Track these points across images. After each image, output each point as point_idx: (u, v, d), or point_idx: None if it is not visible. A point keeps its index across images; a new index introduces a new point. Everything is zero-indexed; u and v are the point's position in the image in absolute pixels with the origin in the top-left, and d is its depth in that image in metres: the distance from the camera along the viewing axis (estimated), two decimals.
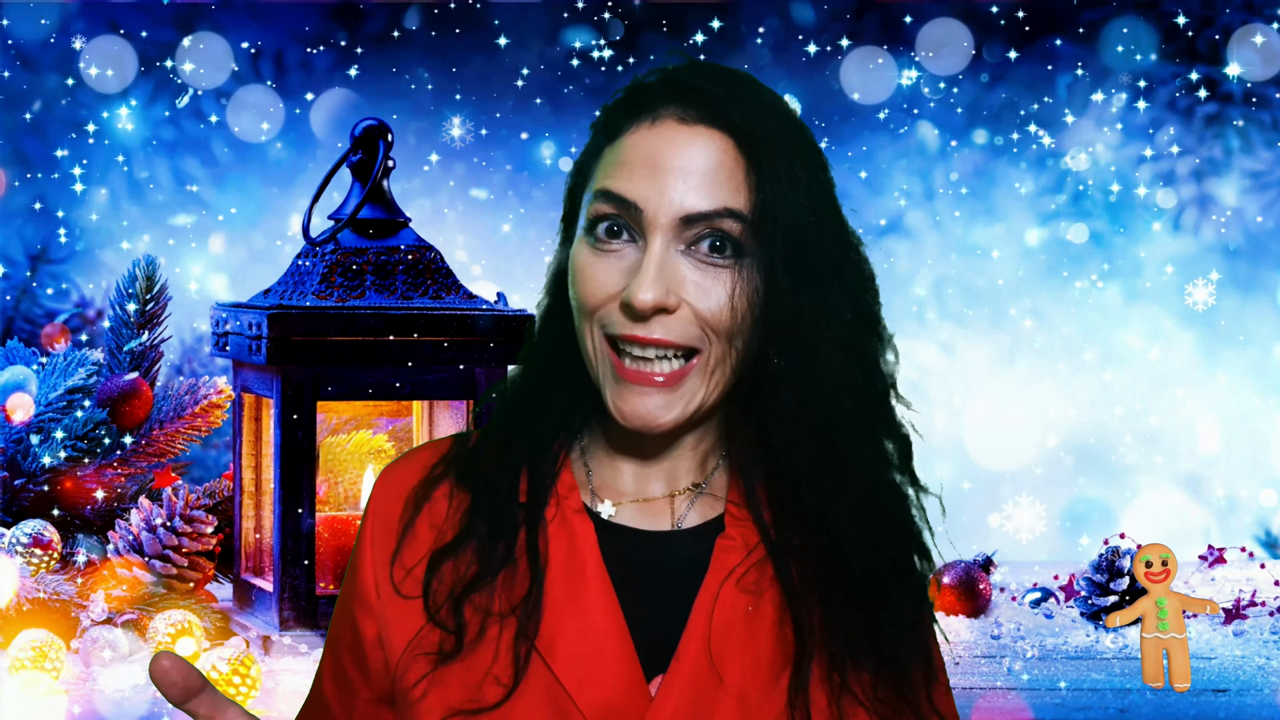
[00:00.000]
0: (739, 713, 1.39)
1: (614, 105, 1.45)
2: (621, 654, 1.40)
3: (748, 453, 1.47)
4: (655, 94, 1.42)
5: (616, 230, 1.41)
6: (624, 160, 1.40)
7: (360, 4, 4.39)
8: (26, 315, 4.35)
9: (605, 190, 1.40)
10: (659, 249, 1.38)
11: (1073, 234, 4.43)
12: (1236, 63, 4.30)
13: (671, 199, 1.38)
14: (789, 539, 1.43)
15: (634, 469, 1.48)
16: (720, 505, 1.47)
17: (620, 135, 1.42)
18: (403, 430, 2.65)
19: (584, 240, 1.42)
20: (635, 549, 1.45)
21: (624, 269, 1.40)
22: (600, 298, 1.40)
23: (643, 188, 1.39)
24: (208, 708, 1.28)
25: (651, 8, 4.36)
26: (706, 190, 1.38)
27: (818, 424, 1.41)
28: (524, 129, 4.42)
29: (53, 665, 2.26)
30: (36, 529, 2.47)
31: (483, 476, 1.46)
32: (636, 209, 1.39)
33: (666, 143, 1.39)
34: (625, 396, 1.40)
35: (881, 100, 4.37)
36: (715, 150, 1.39)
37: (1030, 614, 2.69)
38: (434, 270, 2.49)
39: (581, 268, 1.42)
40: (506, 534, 1.44)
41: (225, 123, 4.37)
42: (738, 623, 1.41)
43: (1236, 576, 2.87)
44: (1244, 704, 2.27)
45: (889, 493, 1.45)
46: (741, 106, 1.39)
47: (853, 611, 1.41)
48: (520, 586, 1.42)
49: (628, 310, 1.38)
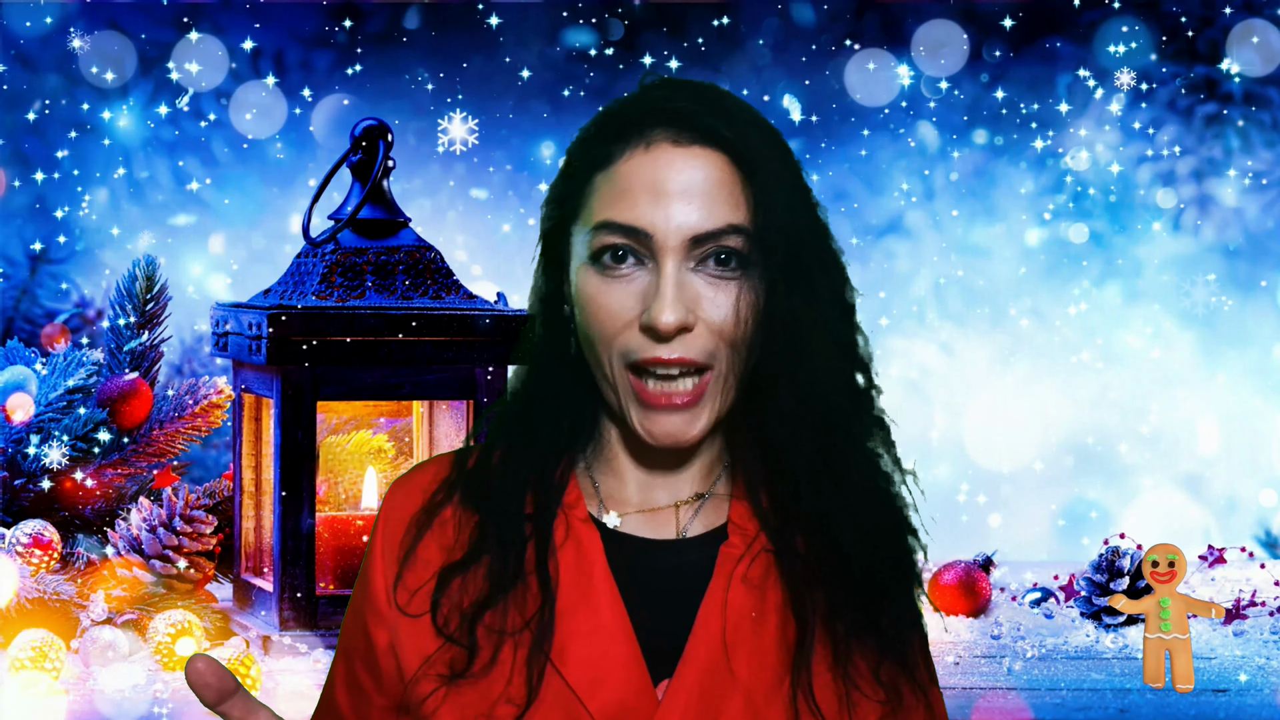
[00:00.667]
0: (746, 712, 1.41)
1: (594, 136, 1.45)
2: (629, 658, 1.42)
3: (750, 456, 1.48)
4: (642, 119, 1.43)
5: (622, 255, 1.42)
6: (624, 189, 1.41)
7: (360, 4, 4.39)
8: (26, 315, 4.35)
9: (609, 222, 1.41)
10: (672, 270, 1.40)
11: (1073, 234, 4.43)
12: (1235, 59, 4.30)
13: (679, 222, 1.40)
14: (791, 539, 1.45)
15: (639, 479, 1.50)
16: (724, 513, 1.49)
17: (611, 164, 1.43)
18: (403, 430, 2.65)
19: (590, 270, 1.43)
20: (641, 557, 1.47)
21: (636, 293, 1.41)
22: (618, 325, 1.42)
23: (649, 214, 1.40)
24: (240, 710, 1.29)
25: (651, 8, 4.36)
26: (710, 209, 1.40)
27: (816, 423, 1.44)
28: (524, 129, 4.42)
29: (53, 665, 2.26)
30: (36, 529, 2.47)
31: (488, 495, 1.48)
32: (646, 235, 1.40)
33: (664, 166, 1.41)
34: (652, 419, 1.43)
35: (885, 102, 4.38)
36: (712, 168, 1.41)
37: (1030, 614, 2.69)
38: (434, 270, 2.49)
39: (593, 297, 1.43)
40: (516, 550, 1.45)
41: (226, 121, 4.37)
42: (743, 624, 1.44)
43: (1236, 576, 2.87)
44: (1244, 704, 2.27)
45: (886, 490, 1.47)
46: (728, 122, 1.42)
47: (854, 606, 1.43)
48: (532, 602, 1.43)
49: (649, 333, 1.40)
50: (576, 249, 1.45)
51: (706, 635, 1.43)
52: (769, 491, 1.47)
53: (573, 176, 1.46)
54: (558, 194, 1.48)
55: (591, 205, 1.43)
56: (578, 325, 1.46)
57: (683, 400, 1.42)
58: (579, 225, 1.45)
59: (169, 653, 2.34)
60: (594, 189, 1.44)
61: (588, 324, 1.44)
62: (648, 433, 1.43)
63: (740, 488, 1.49)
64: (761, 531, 1.46)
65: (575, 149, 1.47)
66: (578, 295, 1.44)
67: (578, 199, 1.45)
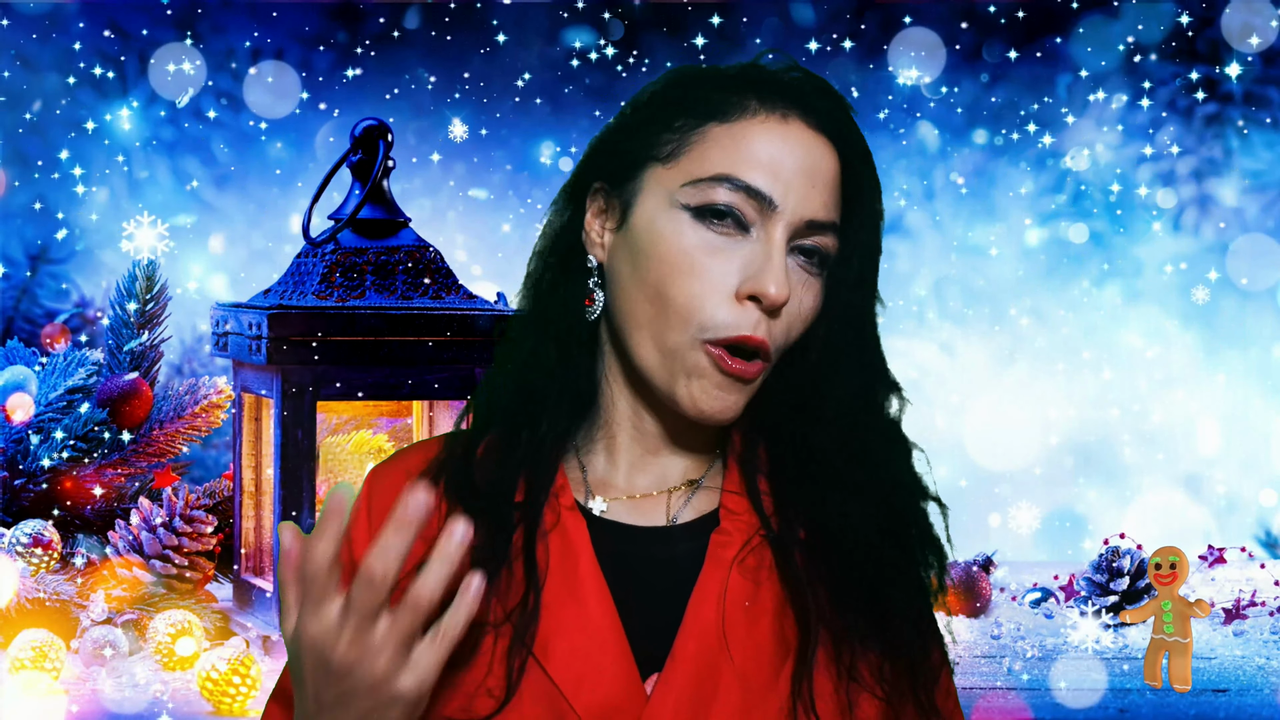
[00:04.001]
0: (740, 706, 1.37)
1: (718, 85, 1.40)
2: (616, 653, 1.37)
3: (751, 445, 1.46)
4: (784, 90, 1.39)
5: (723, 215, 1.37)
6: (754, 150, 1.37)
7: (360, 4, 4.39)
8: (26, 315, 4.35)
9: (732, 177, 1.36)
10: (784, 245, 1.37)
11: (1073, 234, 4.43)
12: (1230, 34, 4.29)
13: (804, 201, 1.37)
14: (792, 530, 1.42)
15: (629, 466, 1.46)
16: (715, 501, 1.45)
17: (736, 119, 1.38)
18: (403, 430, 2.65)
19: (688, 220, 1.37)
20: (629, 545, 1.43)
21: (738, 262, 1.36)
22: (714, 290, 1.36)
23: (778, 184, 1.36)
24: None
25: (651, 8, 4.37)
26: (826, 201, 1.38)
27: (838, 418, 1.41)
28: (524, 129, 4.42)
29: (53, 665, 2.26)
30: (36, 529, 2.47)
31: (477, 482, 1.43)
32: (770, 204, 1.36)
33: (803, 144, 1.38)
34: (710, 392, 1.38)
35: (933, 77, 4.37)
36: (834, 163, 1.39)
37: (1030, 614, 2.69)
38: (434, 270, 2.49)
39: (690, 252, 1.36)
40: (501, 539, 1.40)
41: (227, 121, 4.37)
42: (737, 615, 1.39)
43: (1236, 576, 2.88)
44: (1244, 704, 2.27)
45: (900, 484, 1.44)
46: (850, 127, 1.40)
47: (859, 598, 1.39)
48: (516, 592, 1.39)
49: (750, 303, 1.36)
50: (663, 194, 1.39)
51: (698, 627, 1.38)
52: (770, 482, 1.43)
53: (675, 115, 1.40)
54: (643, 128, 1.41)
55: (705, 154, 1.38)
56: (637, 278, 1.39)
57: (754, 373, 1.38)
58: (675, 169, 1.39)
59: (169, 653, 2.34)
60: (709, 138, 1.38)
61: (672, 277, 1.36)
62: (697, 405, 1.38)
63: (734, 476, 1.45)
64: (759, 521, 1.42)
65: (686, 89, 1.41)
66: (658, 244, 1.37)
67: (679, 141, 1.39)
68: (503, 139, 4.42)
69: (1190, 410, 4.47)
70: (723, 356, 1.36)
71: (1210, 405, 4.47)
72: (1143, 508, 4.43)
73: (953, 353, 4.50)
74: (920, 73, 4.31)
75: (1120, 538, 2.68)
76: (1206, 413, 4.47)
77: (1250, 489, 4.43)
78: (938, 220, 4.46)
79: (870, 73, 4.38)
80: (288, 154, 4.40)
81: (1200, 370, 4.48)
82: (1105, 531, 3.40)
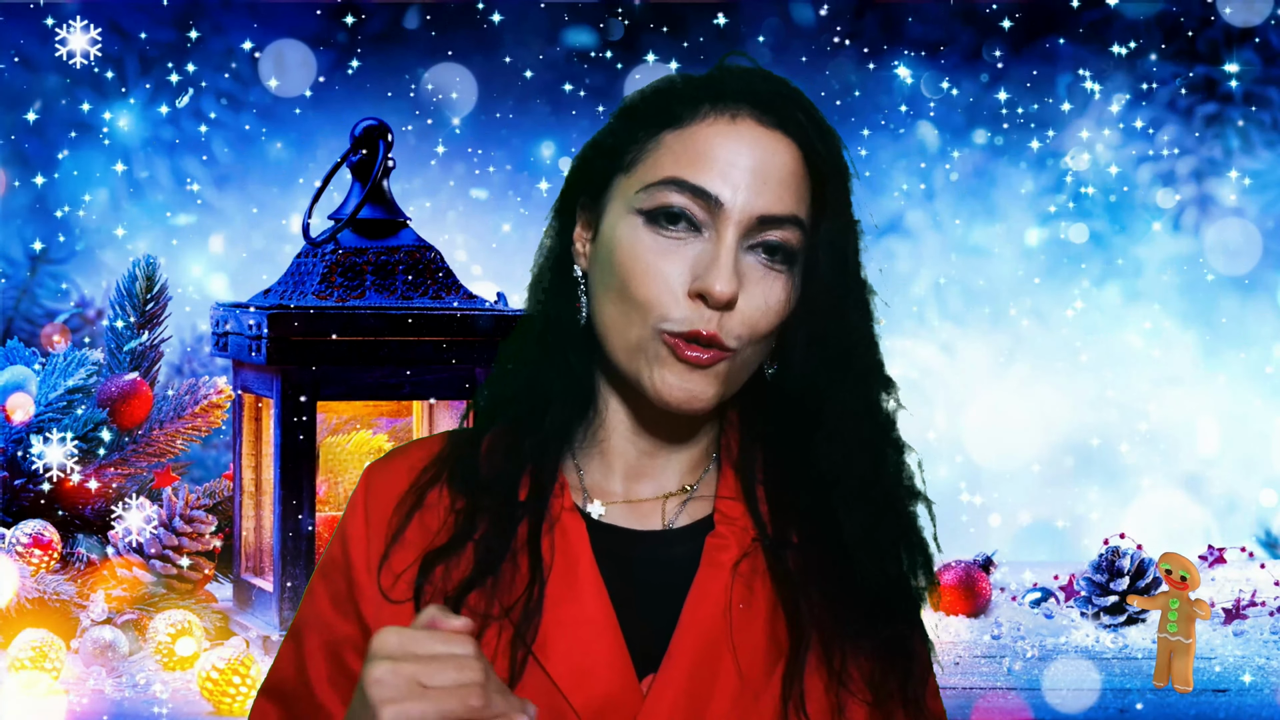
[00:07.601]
0: (734, 707, 1.39)
1: (672, 94, 1.43)
2: (613, 652, 1.40)
3: (748, 451, 1.48)
4: (731, 90, 1.41)
5: (677, 218, 1.39)
6: (701, 152, 1.39)
7: (360, 4, 4.39)
8: (26, 315, 4.35)
9: (680, 180, 1.39)
10: (733, 243, 1.38)
11: (1073, 234, 4.43)
12: (1229, 6, 4.29)
13: (751, 198, 1.38)
14: (786, 535, 1.44)
15: (626, 470, 1.48)
16: (710, 506, 1.48)
17: (688, 124, 1.41)
18: (403, 430, 2.65)
19: (642, 225, 1.40)
20: (626, 548, 1.45)
21: (688, 260, 1.39)
22: (665, 289, 1.38)
23: (724, 182, 1.38)
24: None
25: (651, 8, 4.37)
26: (781, 195, 1.39)
27: (832, 420, 1.43)
28: (524, 129, 4.42)
29: (53, 665, 2.26)
30: (36, 529, 2.47)
31: (483, 477, 1.45)
32: (716, 203, 1.38)
33: (749, 143, 1.39)
34: (670, 381, 1.40)
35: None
36: (790, 158, 1.40)
37: (1030, 614, 2.69)
38: (434, 270, 2.49)
39: (642, 255, 1.40)
40: (505, 534, 1.43)
41: (227, 121, 4.37)
42: (731, 617, 1.42)
43: (1236, 576, 2.88)
44: (1244, 704, 2.27)
45: (893, 487, 1.45)
46: (809, 119, 1.41)
47: (851, 602, 1.42)
48: (517, 587, 1.41)
49: (698, 301, 1.38)
50: (623, 202, 1.42)
51: (694, 627, 1.41)
52: (767, 487, 1.46)
53: (637, 126, 1.43)
54: (611, 141, 1.45)
55: (658, 160, 1.41)
56: (604, 283, 1.43)
57: (709, 360, 1.39)
58: (633, 177, 1.42)
59: (169, 653, 2.34)
60: (663, 144, 1.41)
61: (628, 280, 1.40)
62: (659, 392, 1.40)
63: (729, 481, 1.48)
64: (754, 526, 1.45)
65: (644, 101, 1.44)
66: (616, 249, 1.41)
67: (638, 150, 1.42)
68: (503, 139, 4.42)
69: (1190, 410, 4.47)
70: (679, 344, 1.39)
71: (1210, 405, 4.47)
72: (1143, 508, 4.43)
73: (953, 353, 4.50)
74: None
75: (1120, 538, 2.68)
76: (1206, 413, 4.47)
77: (1250, 489, 4.43)
78: (938, 220, 4.46)
79: (870, 73, 4.38)
80: (288, 154, 4.40)
81: (1200, 370, 4.48)
82: (1105, 531, 3.40)
